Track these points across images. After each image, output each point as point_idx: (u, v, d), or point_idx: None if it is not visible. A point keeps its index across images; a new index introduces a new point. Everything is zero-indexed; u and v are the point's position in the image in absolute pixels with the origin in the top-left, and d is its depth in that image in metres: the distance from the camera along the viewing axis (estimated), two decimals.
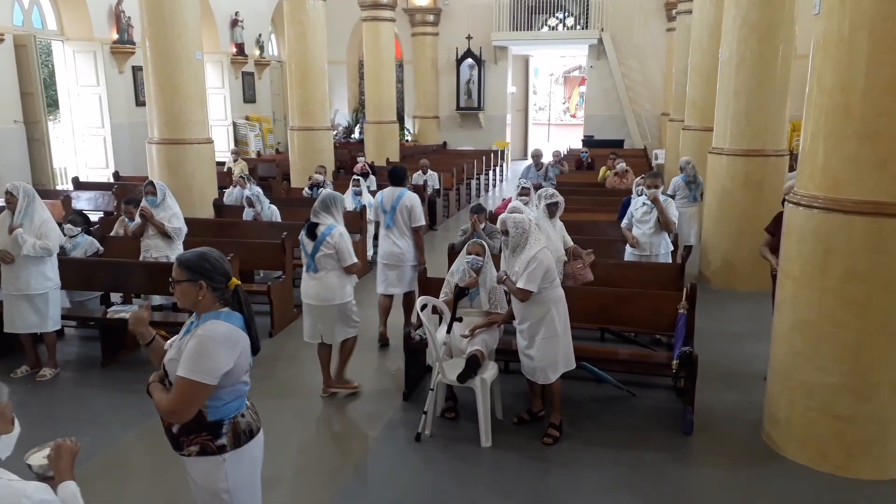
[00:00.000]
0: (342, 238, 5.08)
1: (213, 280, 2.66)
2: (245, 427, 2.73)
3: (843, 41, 3.91)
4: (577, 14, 20.49)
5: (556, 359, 4.55)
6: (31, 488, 2.01)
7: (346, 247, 5.08)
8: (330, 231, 5.08)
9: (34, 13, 12.78)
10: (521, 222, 4.54)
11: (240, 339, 2.65)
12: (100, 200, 10.62)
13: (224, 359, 2.57)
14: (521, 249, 4.48)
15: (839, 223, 4.02)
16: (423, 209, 6.61)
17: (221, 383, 2.60)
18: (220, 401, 2.64)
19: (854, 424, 4.15)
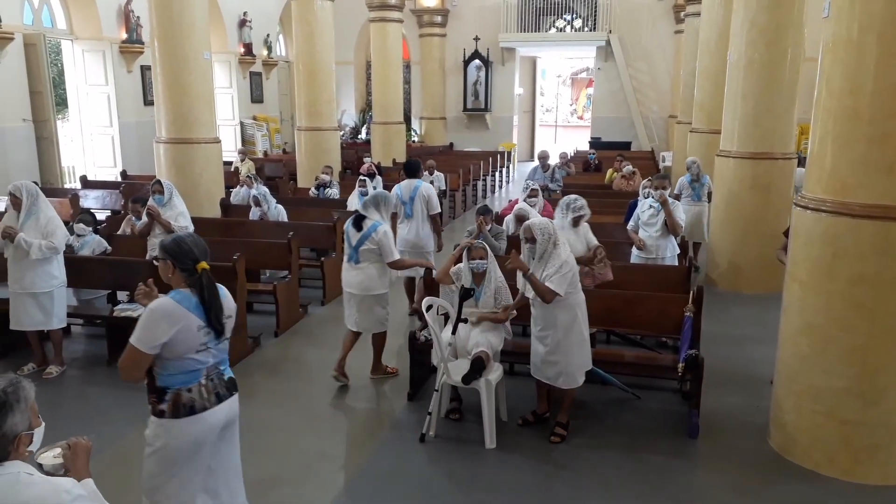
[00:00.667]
0: (386, 236, 5.36)
1: (181, 262, 2.97)
2: (187, 401, 2.93)
3: (852, 44, 3.89)
4: (585, 16, 20.47)
5: (583, 362, 4.59)
6: (68, 484, 2.08)
7: (389, 244, 5.37)
8: (375, 228, 5.36)
9: (44, 12, 12.86)
10: (546, 228, 4.48)
11: (181, 317, 2.89)
12: (107, 199, 10.67)
13: (159, 331, 2.85)
14: (549, 255, 4.43)
15: (847, 227, 4.00)
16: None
17: (165, 354, 2.88)
18: (167, 371, 2.92)
19: (861, 429, 4.13)
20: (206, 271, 2.99)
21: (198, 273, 2.96)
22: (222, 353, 3.10)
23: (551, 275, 4.39)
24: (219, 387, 3.05)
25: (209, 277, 2.99)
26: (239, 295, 6.02)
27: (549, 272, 4.41)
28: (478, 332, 4.81)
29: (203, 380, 2.99)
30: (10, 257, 5.45)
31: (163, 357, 2.88)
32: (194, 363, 2.95)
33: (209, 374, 3.01)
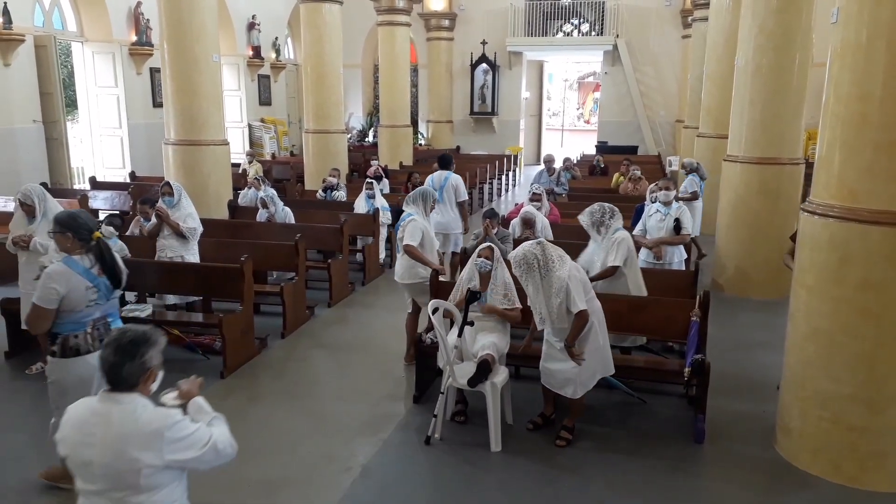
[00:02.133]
0: (410, 226, 5.72)
1: (79, 233, 3.64)
2: (73, 345, 3.65)
3: (861, 50, 3.89)
4: (593, 20, 20.47)
5: (594, 370, 4.56)
6: (174, 412, 2.42)
7: (408, 232, 5.71)
8: (405, 219, 5.78)
9: (55, 14, 12.95)
10: (525, 258, 4.33)
11: (70, 277, 3.58)
12: (116, 200, 10.73)
13: (52, 289, 3.53)
14: (545, 283, 4.32)
15: (855, 233, 3.99)
16: None
17: (61, 307, 3.56)
18: (59, 320, 3.62)
19: (868, 436, 4.11)
20: (100, 239, 3.71)
21: (93, 241, 3.66)
22: (111, 308, 3.80)
23: (567, 301, 4.30)
24: (104, 335, 3.63)
25: (104, 243, 3.73)
26: (246, 296, 6.05)
27: (559, 299, 4.29)
28: (483, 335, 4.82)
29: (89, 329, 3.67)
30: (24, 260, 5.49)
31: (58, 310, 3.57)
32: (82, 315, 3.64)
33: (95, 324, 3.69)
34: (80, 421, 2.33)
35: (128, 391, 2.33)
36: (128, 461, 2.24)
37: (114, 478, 2.26)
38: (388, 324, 7.05)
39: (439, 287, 5.53)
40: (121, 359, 2.31)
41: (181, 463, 2.33)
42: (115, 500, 2.28)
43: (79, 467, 2.31)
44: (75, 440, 2.31)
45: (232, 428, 4.90)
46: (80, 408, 2.37)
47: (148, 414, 2.31)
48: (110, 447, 2.25)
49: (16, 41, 11.25)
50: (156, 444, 2.26)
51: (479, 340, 4.79)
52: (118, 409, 2.30)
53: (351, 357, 6.21)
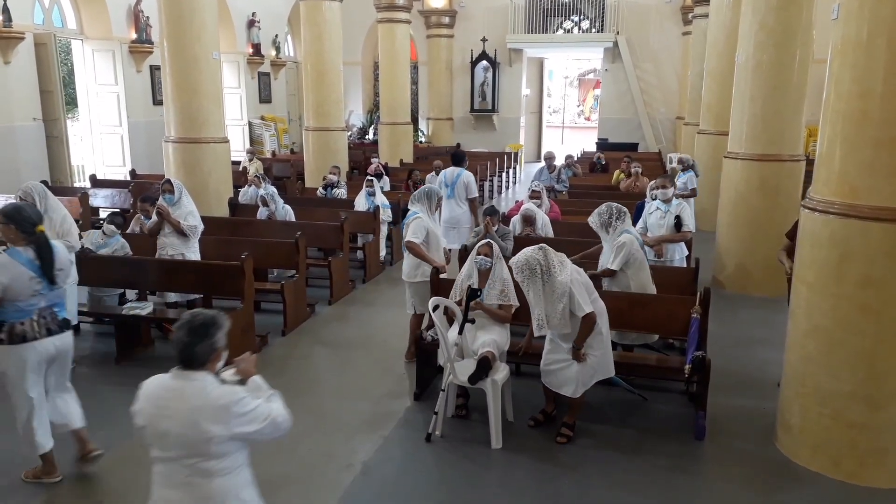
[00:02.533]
0: (413, 223, 5.72)
1: (23, 226, 3.79)
2: (20, 331, 3.82)
3: (862, 46, 3.89)
4: (593, 17, 20.44)
5: (595, 370, 4.58)
6: (239, 388, 2.61)
7: (410, 229, 5.72)
8: (409, 217, 5.81)
9: (54, 12, 12.94)
10: (527, 264, 4.32)
11: (13, 269, 3.75)
12: (116, 198, 10.74)
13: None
14: (547, 289, 4.32)
15: (855, 229, 3.99)
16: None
17: (5, 296, 3.74)
18: (5, 309, 3.78)
19: (868, 432, 4.12)
20: (43, 233, 3.86)
21: (36, 234, 3.81)
22: (56, 298, 3.96)
23: (571, 305, 4.33)
24: (50, 323, 3.92)
25: (45, 237, 3.86)
26: (247, 294, 6.05)
27: (562, 304, 4.31)
28: (484, 333, 4.82)
29: (35, 316, 3.85)
30: None
31: (3, 299, 3.74)
32: (27, 304, 3.82)
33: (41, 313, 3.87)
34: (154, 395, 2.56)
35: (198, 369, 2.54)
36: (200, 432, 2.47)
37: (188, 446, 2.50)
38: (388, 321, 7.06)
39: (440, 284, 5.53)
40: (193, 339, 2.53)
41: (245, 435, 2.55)
42: (188, 465, 2.53)
43: (156, 437, 2.55)
44: (151, 412, 2.54)
45: None
46: (155, 383, 2.60)
47: (217, 390, 2.53)
48: (185, 419, 2.48)
49: (15, 39, 11.25)
50: (224, 418, 2.48)
51: (479, 338, 4.80)
52: (190, 386, 2.52)
53: (351, 354, 6.21)
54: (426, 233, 5.71)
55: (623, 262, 5.37)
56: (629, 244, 5.36)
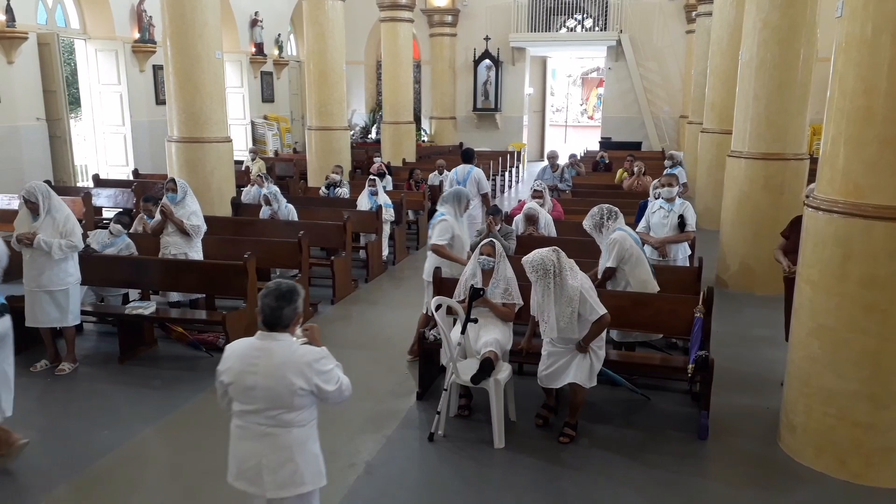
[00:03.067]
0: (440, 225, 5.75)
1: None
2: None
3: (866, 44, 3.87)
4: (596, 15, 20.40)
5: (591, 364, 4.59)
6: (316, 348, 2.92)
7: (436, 230, 5.76)
8: (435, 218, 5.84)
9: (58, 12, 12.96)
10: (542, 264, 4.35)
11: None
12: (119, 197, 10.74)
13: None
14: (558, 289, 4.35)
15: (859, 228, 3.97)
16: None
17: None
18: None
19: (873, 432, 4.10)
20: None
21: None
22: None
23: (582, 309, 4.37)
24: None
25: None
26: (249, 294, 6.05)
27: (571, 308, 4.34)
28: (486, 332, 4.81)
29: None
30: (28, 257, 5.51)
31: None
32: None
33: None
34: (243, 354, 2.85)
35: (281, 331, 2.84)
36: (286, 384, 2.77)
37: (273, 398, 2.79)
38: (391, 321, 7.06)
39: (442, 283, 5.52)
40: (279, 304, 2.81)
41: (320, 391, 2.85)
42: (270, 416, 2.82)
43: (241, 391, 2.83)
44: (239, 369, 2.83)
45: None
46: (242, 344, 2.90)
47: (301, 349, 2.86)
48: (272, 374, 2.77)
49: (19, 39, 11.28)
50: (308, 372, 2.80)
51: (482, 337, 4.79)
52: (276, 345, 2.82)
53: (354, 354, 6.20)
54: (452, 235, 5.72)
55: (618, 258, 5.37)
56: (621, 240, 5.37)
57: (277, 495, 2.88)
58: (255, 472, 2.86)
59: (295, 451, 2.87)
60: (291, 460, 2.87)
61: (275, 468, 2.85)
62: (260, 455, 2.85)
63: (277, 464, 2.85)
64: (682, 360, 5.13)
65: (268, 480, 2.86)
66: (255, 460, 2.86)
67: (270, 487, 2.86)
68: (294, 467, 2.88)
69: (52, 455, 4.53)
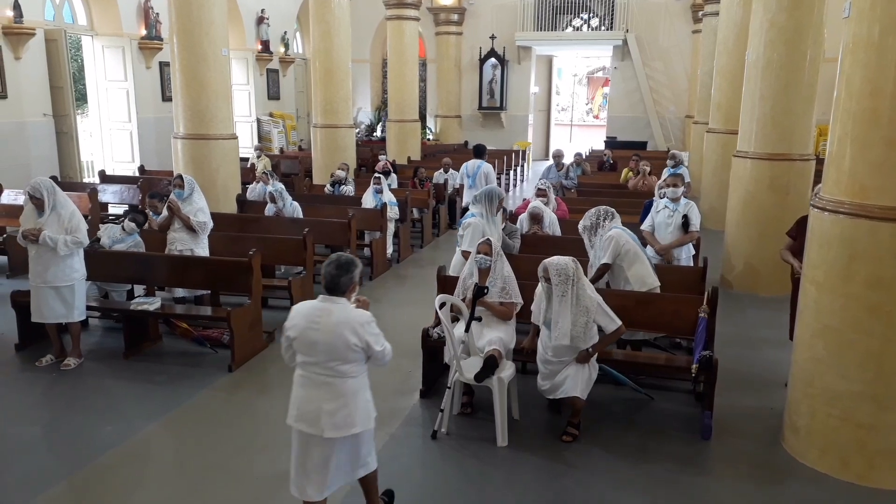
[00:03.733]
0: (470, 228, 5.80)
1: None
2: None
3: (873, 45, 3.86)
4: (602, 15, 20.37)
5: (589, 371, 4.63)
6: (368, 313, 3.34)
7: (467, 234, 5.81)
8: (466, 218, 5.92)
9: (65, 8, 13.00)
10: (565, 269, 4.42)
11: None
12: (125, 194, 10.78)
13: None
14: (573, 297, 4.41)
15: (865, 229, 3.96)
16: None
17: None
18: None
19: (877, 433, 4.09)
20: None
21: None
22: None
23: (601, 321, 4.47)
24: None
25: None
26: (254, 290, 6.07)
27: (586, 318, 4.40)
28: (490, 331, 4.82)
29: None
30: (34, 253, 5.53)
31: None
32: None
33: None
34: (307, 314, 3.28)
35: (340, 296, 3.27)
36: (343, 340, 3.20)
37: (331, 352, 3.23)
38: (395, 318, 7.05)
39: (445, 282, 5.53)
40: (339, 272, 3.25)
41: (368, 348, 3.27)
42: (329, 367, 3.26)
43: (305, 346, 3.28)
44: (304, 326, 3.26)
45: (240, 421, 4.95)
46: (306, 305, 3.34)
47: (356, 312, 3.29)
48: (331, 331, 3.22)
49: (26, 35, 11.32)
50: (361, 331, 3.23)
51: (485, 335, 4.80)
52: (335, 307, 3.26)
53: None
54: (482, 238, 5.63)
55: (614, 254, 5.40)
56: (617, 237, 5.40)
57: (332, 435, 3.26)
58: (315, 415, 3.26)
59: (349, 398, 3.28)
60: (346, 406, 3.27)
61: (332, 412, 3.25)
62: (319, 400, 3.26)
63: (334, 408, 3.26)
64: (686, 360, 5.13)
65: (325, 422, 3.25)
66: (315, 405, 3.27)
67: (327, 428, 3.25)
68: (347, 412, 3.28)
69: (57, 450, 4.55)
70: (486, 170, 9.54)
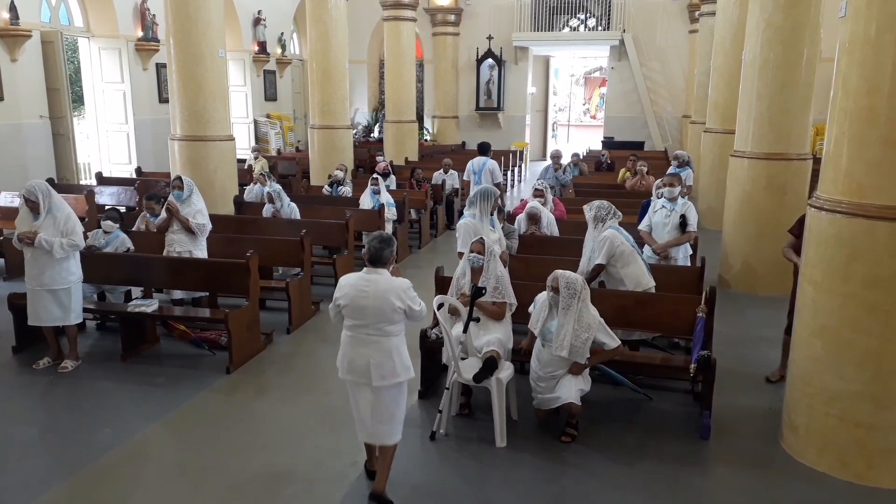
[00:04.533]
0: (462, 229, 5.83)
1: None
2: None
3: (870, 44, 3.86)
4: (599, 15, 20.39)
5: (582, 382, 4.66)
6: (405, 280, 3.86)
7: (459, 235, 5.87)
8: (461, 220, 5.95)
9: (61, 10, 12.98)
10: (574, 283, 4.51)
11: None
12: (122, 196, 10.76)
13: None
14: (576, 310, 4.48)
15: (862, 228, 3.97)
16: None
17: None
18: None
19: (875, 432, 4.10)
20: None
21: None
22: None
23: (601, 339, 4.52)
24: None
25: None
26: (252, 292, 6.06)
27: (587, 335, 4.47)
28: (488, 331, 4.81)
29: None
30: (30, 256, 5.51)
31: None
32: None
33: None
34: (354, 284, 3.79)
35: (381, 267, 3.80)
36: (389, 304, 3.72)
37: (379, 315, 3.75)
38: None
39: (443, 282, 5.52)
40: (382, 246, 3.80)
41: (410, 310, 3.80)
42: (377, 328, 3.78)
43: (355, 311, 3.78)
44: (353, 294, 3.76)
45: (238, 422, 4.94)
46: (353, 276, 3.85)
47: (396, 280, 3.83)
48: (379, 297, 3.73)
49: (23, 37, 11.30)
50: (403, 296, 3.76)
51: (483, 336, 4.79)
52: (379, 277, 3.78)
53: None
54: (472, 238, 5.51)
55: (608, 255, 5.45)
56: (612, 238, 5.45)
57: (380, 384, 3.81)
58: (364, 368, 3.81)
59: (393, 352, 3.83)
60: (390, 359, 3.82)
61: (378, 365, 3.79)
62: (368, 356, 3.80)
63: (381, 362, 3.80)
64: (685, 359, 5.13)
65: (374, 374, 3.79)
66: (365, 360, 3.80)
67: (375, 379, 3.80)
68: (392, 364, 3.82)
69: (54, 452, 4.54)
70: (491, 166, 9.75)
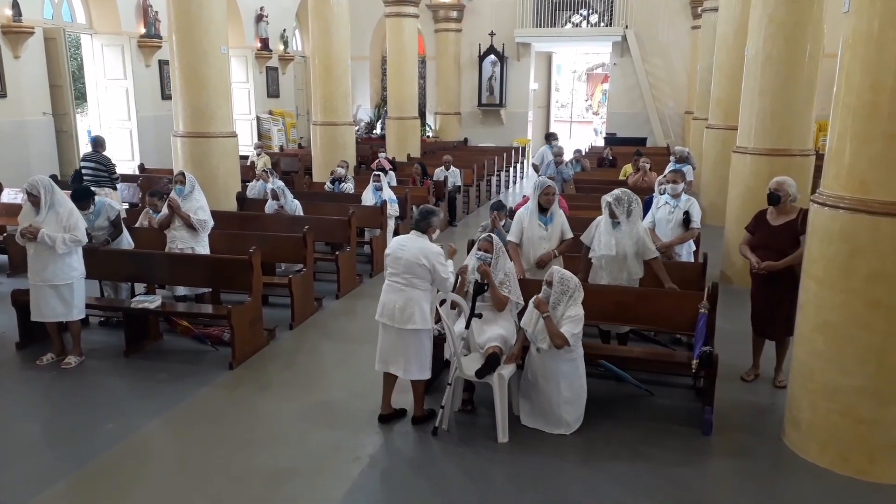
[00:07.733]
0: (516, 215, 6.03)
1: None
2: None
3: (873, 40, 3.85)
4: (602, 11, 20.34)
5: (577, 414, 4.72)
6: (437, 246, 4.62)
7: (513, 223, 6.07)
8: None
9: (64, 7, 12.98)
10: (568, 282, 4.59)
11: None
12: (125, 192, 10.78)
13: None
14: (563, 306, 4.57)
15: (865, 224, 3.97)
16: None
17: None
18: None
19: (877, 428, 4.10)
20: None
21: None
22: None
23: (566, 319, 4.54)
24: None
25: None
26: (255, 288, 6.07)
27: (565, 314, 4.56)
28: (490, 327, 4.82)
29: None
30: (32, 251, 5.53)
31: None
32: None
33: None
34: (399, 241, 4.64)
35: (423, 232, 4.60)
36: (417, 260, 4.48)
37: (409, 267, 4.51)
38: None
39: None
40: (426, 214, 4.64)
41: (434, 271, 4.50)
42: (406, 278, 4.52)
43: (394, 260, 4.56)
44: (395, 247, 4.59)
45: (240, 419, 4.96)
46: (400, 237, 4.70)
47: (432, 245, 4.58)
48: (413, 253, 4.50)
49: (25, 34, 11.30)
50: (433, 258, 4.49)
51: (485, 332, 4.79)
52: (419, 239, 4.58)
53: (359, 348, 6.22)
54: (521, 231, 5.79)
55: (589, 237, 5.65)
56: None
57: (403, 327, 4.51)
58: (392, 311, 4.54)
59: (415, 302, 4.51)
60: (411, 307, 4.49)
61: (402, 309, 4.50)
62: (395, 302, 4.52)
63: (404, 307, 4.50)
64: (687, 355, 5.13)
65: (398, 317, 4.52)
66: (393, 305, 4.54)
67: (399, 322, 4.51)
68: (412, 312, 4.50)
69: (58, 448, 4.56)
70: (543, 151, 10.88)
